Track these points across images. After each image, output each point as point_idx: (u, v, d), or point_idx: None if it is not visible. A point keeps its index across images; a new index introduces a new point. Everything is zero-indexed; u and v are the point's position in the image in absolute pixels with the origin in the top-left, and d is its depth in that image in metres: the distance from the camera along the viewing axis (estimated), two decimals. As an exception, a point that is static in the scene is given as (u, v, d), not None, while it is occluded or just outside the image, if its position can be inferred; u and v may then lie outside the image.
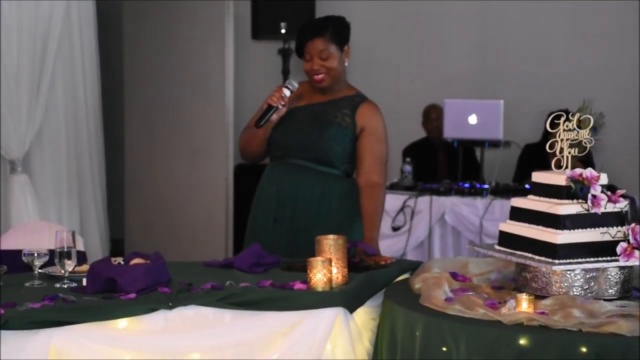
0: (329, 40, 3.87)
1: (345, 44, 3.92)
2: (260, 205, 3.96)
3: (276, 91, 3.83)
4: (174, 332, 2.92)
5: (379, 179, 3.87)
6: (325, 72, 3.88)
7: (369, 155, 3.87)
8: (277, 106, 3.81)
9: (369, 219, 3.81)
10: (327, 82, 3.90)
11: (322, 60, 3.87)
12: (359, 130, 3.89)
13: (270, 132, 3.92)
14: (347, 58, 3.93)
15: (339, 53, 3.89)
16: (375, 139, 3.89)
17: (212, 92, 7.59)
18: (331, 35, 3.88)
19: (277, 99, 3.81)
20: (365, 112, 3.91)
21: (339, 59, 3.90)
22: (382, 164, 3.89)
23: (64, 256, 3.18)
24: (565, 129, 3.06)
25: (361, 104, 3.92)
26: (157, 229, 7.72)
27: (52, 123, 5.82)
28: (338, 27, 3.93)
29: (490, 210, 6.29)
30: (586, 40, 7.64)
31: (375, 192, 3.85)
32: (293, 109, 3.92)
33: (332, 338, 3.00)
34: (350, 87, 4.00)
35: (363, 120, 3.89)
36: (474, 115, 6.60)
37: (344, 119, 3.88)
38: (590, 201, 2.93)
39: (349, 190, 3.88)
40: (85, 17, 6.05)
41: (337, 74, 3.91)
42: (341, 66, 3.91)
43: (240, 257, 3.47)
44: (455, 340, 2.72)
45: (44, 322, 2.80)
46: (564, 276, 2.92)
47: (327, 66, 3.87)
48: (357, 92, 3.99)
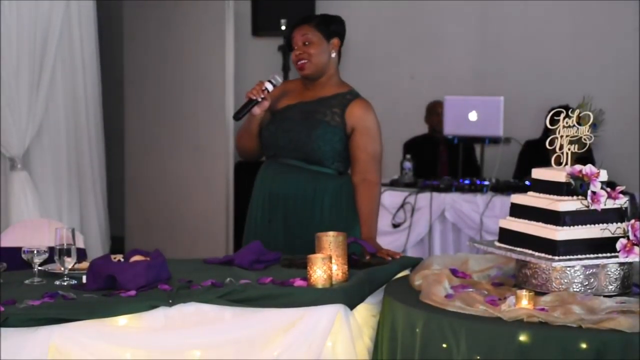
0: (313, 28, 3.86)
1: (334, 37, 3.89)
2: (254, 206, 3.96)
3: (257, 85, 3.82)
4: (174, 329, 2.92)
5: (373, 177, 3.86)
6: (307, 59, 3.86)
7: (362, 154, 3.85)
8: (257, 99, 3.80)
9: (365, 218, 3.81)
10: (309, 70, 3.87)
11: (304, 46, 3.86)
12: (349, 129, 3.86)
13: (262, 131, 3.92)
14: (334, 50, 3.90)
15: (323, 43, 3.87)
16: (368, 137, 3.86)
17: (213, 88, 7.59)
18: (317, 23, 3.87)
19: (257, 91, 3.80)
20: (356, 110, 3.87)
21: (323, 48, 3.87)
22: (376, 162, 3.88)
23: (64, 253, 3.18)
24: (565, 125, 3.06)
25: (351, 102, 3.88)
26: (157, 226, 7.72)
27: (52, 120, 5.82)
28: (326, 18, 3.92)
29: (491, 207, 6.29)
30: (586, 36, 7.64)
31: (370, 191, 3.84)
32: (284, 107, 3.91)
33: (333, 335, 3.00)
34: (342, 84, 3.96)
35: (353, 120, 3.86)
36: (474, 112, 6.59)
37: (334, 118, 3.86)
38: (590, 198, 2.93)
39: (342, 188, 3.87)
40: (85, 14, 6.04)
41: (319, 63, 3.87)
42: (325, 56, 3.88)
43: (241, 254, 3.47)
44: (455, 336, 2.72)
45: (44, 319, 2.80)
46: (563, 272, 2.92)
47: (308, 52, 3.85)
48: (350, 89, 3.95)
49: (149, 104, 7.80)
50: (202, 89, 7.62)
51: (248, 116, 3.85)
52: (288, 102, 3.93)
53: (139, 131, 7.86)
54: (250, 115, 3.85)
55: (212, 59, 7.58)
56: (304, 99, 3.93)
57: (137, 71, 7.84)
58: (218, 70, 7.57)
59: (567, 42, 7.69)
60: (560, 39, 7.71)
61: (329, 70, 3.91)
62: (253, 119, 3.88)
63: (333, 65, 3.92)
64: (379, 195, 3.90)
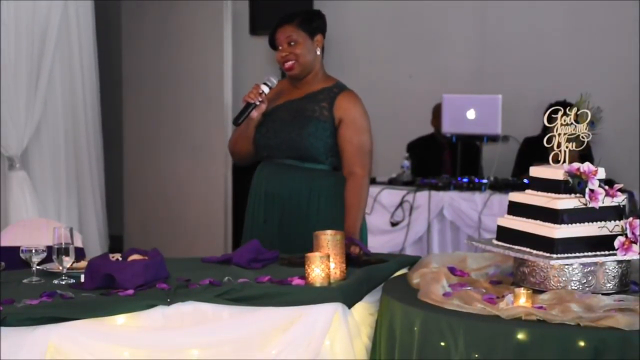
0: (297, 28, 3.86)
1: (317, 34, 3.90)
2: (250, 207, 3.97)
3: (254, 88, 3.83)
4: (172, 328, 2.92)
5: (359, 170, 3.83)
6: (294, 60, 3.86)
7: (348, 146, 3.84)
8: (255, 102, 3.81)
9: (347, 211, 3.78)
10: (297, 70, 3.88)
11: (290, 46, 3.86)
12: (337, 121, 3.85)
13: (254, 133, 3.92)
14: (318, 47, 3.90)
15: (308, 41, 3.88)
16: (354, 129, 3.85)
17: (211, 88, 7.60)
18: (300, 22, 3.87)
19: (254, 95, 3.81)
20: (343, 103, 3.87)
21: (309, 47, 3.88)
22: (363, 154, 3.85)
23: (62, 253, 3.18)
24: (563, 123, 3.06)
25: (339, 95, 3.89)
26: (155, 225, 7.73)
27: (50, 120, 5.83)
28: (308, 15, 3.93)
29: (489, 205, 6.29)
30: (585, 34, 7.64)
31: (355, 184, 3.81)
32: (272, 108, 3.91)
33: (331, 334, 2.99)
34: (328, 78, 3.96)
35: (340, 112, 3.86)
36: (472, 110, 6.59)
37: (322, 113, 3.86)
38: (588, 195, 2.93)
39: (337, 185, 3.86)
40: (83, 14, 6.05)
41: (306, 62, 3.88)
42: (311, 55, 3.88)
43: (239, 253, 3.47)
44: (453, 335, 2.72)
45: (42, 318, 2.80)
46: (562, 270, 2.92)
47: (295, 52, 3.86)
48: (336, 82, 3.95)
49: (147, 104, 7.81)
50: (200, 89, 7.62)
51: (246, 120, 3.86)
52: (276, 102, 3.93)
53: (137, 130, 7.86)
54: (248, 119, 3.85)
55: (210, 58, 7.59)
56: (291, 97, 3.94)
57: (135, 71, 7.84)
58: (216, 69, 7.57)
59: (566, 40, 7.69)
60: (559, 37, 7.71)
61: (315, 67, 3.92)
62: (250, 123, 3.88)
63: (318, 62, 3.93)
64: (365, 188, 3.84)
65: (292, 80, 3.96)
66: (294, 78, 3.92)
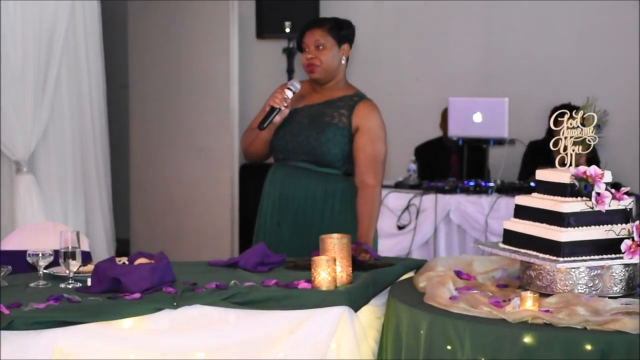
0: (326, 33, 3.88)
1: (344, 42, 3.91)
2: (263, 208, 3.97)
3: (278, 92, 3.83)
4: (178, 332, 2.92)
5: (371, 179, 3.85)
6: (318, 64, 3.87)
7: (362, 155, 3.86)
8: (280, 107, 3.81)
9: (361, 221, 3.81)
10: (319, 74, 3.89)
11: (317, 50, 3.87)
12: (354, 129, 3.87)
13: (271, 135, 3.92)
14: (344, 56, 3.91)
15: (335, 48, 3.89)
16: (369, 138, 3.87)
17: (217, 91, 7.60)
18: (330, 28, 3.88)
19: (279, 100, 3.81)
20: (361, 111, 3.89)
21: (334, 53, 3.89)
22: (376, 163, 3.87)
23: (69, 256, 3.19)
24: (569, 126, 3.06)
25: (358, 104, 3.91)
26: (162, 228, 7.73)
27: (57, 123, 5.83)
28: (339, 23, 3.94)
29: (496, 209, 6.28)
30: (590, 38, 7.62)
31: (368, 194, 3.84)
32: (291, 111, 3.91)
33: (337, 337, 3.00)
34: (349, 86, 3.98)
35: (358, 120, 3.87)
36: (479, 113, 6.58)
37: (341, 120, 3.87)
38: (594, 199, 2.93)
39: (351, 189, 3.88)
40: (90, 16, 6.05)
41: (330, 68, 3.89)
42: (335, 61, 3.90)
43: (245, 256, 3.47)
44: (459, 338, 2.71)
45: (48, 322, 2.80)
46: (568, 274, 2.92)
47: (320, 57, 3.87)
48: (356, 91, 3.97)
49: (153, 107, 7.81)
50: (206, 92, 7.63)
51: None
52: (296, 105, 3.93)
53: (143, 134, 7.87)
54: (271, 124, 3.85)
55: (217, 61, 7.59)
56: (311, 101, 3.94)
57: (142, 74, 7.85)
58: (222, 72, 7.58)
59: (572, 43, 7.68)
60: (565, 41, 7.69)
61: (337, 75, 3.94)
62: (270, 127, 3.87)
63: (342, 70, 3.95)
64: (378, 199, 3.87)
65: (313, 84, 3.97)
66: (315, 82, 3.93)
